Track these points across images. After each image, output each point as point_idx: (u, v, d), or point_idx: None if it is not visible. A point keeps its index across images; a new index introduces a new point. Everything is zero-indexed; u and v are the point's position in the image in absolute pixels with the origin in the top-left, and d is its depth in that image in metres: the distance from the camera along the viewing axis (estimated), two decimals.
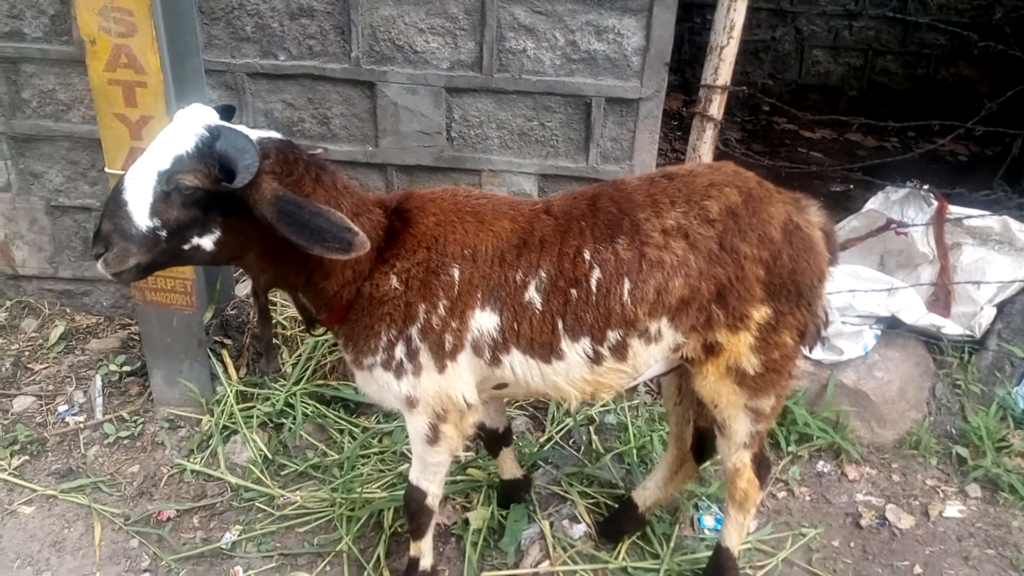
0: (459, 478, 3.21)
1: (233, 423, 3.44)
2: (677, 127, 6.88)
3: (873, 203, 4.11)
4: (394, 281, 2.22)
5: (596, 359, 2.24)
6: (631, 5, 3.43)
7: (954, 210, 3.91)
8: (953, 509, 3.26)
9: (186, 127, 1.97)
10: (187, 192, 1.96)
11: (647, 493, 2.93)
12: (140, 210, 1.97)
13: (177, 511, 3.15)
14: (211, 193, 1.97)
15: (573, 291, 2.19)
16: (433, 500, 2.56)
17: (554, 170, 3.81)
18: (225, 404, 3.49)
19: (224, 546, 2.98)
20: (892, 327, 3.69)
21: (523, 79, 3.63)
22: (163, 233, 1.99)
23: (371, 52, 3.65)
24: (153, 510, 3.15)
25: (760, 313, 2.20)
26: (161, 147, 1.97)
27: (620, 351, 2.23)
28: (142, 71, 3.04)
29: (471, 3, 3.51)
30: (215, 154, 1.94)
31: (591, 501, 3.17)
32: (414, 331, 2.24)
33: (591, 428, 3.53)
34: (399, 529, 2.98)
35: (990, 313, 3.76)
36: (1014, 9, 7.04)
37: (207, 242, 2.05)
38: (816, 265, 2.23)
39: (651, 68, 3.53)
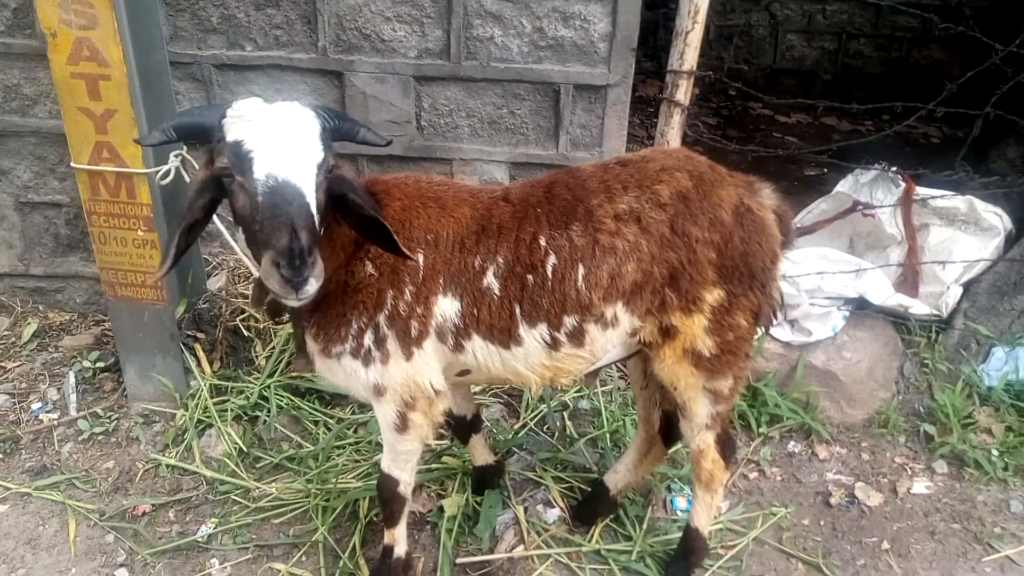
0: (433, 466, 3.23)
1: (207, 417, 3.44)
2: (654, 114, 6.89)
3: (842, 186, 4.15)
4: (369, 267, 2.23)
5: (554, 345, 2.27)
6: None
7: (921, 191, 3.95)
8: (920, 485, 3.32)
9: (288, 112, 1.94)
10: (330, 175, 1.97)
11: (618, 476, 2.97)
12: (314, 209, 1.90)
13: (152, 505, 3.15)
14: None
15: (529, 277, 2.21)
16: (405, 488, 2.58)
17: (525, 158, 3.82)
18: (199, 398, 3.49)
19: (200, 539, 2.99)
20: (860, 308, 3.74)
21: (491, 67, 3.63)
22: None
23: (338, 41, 3.64)
24: (128, 505, 3.15)
25: (713, 295, 2.23)
26: (294, 141, 1.90)
27: (577, 336, 2.26)
28: (105, 64, 3.02)
29: None
30: (340, 131, 2.01)
31: (565, 486, 3.20)
32: (382, 318, 2.25)
33: (565, 414, 3.56)
34: (375, 518, 3.00)
35: (956, 292, 3.81)
36: None
37: None
38: (768, 247, 2.26)
39: (618, 54, 3.54)
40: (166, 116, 3.32)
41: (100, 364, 3.81)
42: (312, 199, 1.88)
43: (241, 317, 3.70)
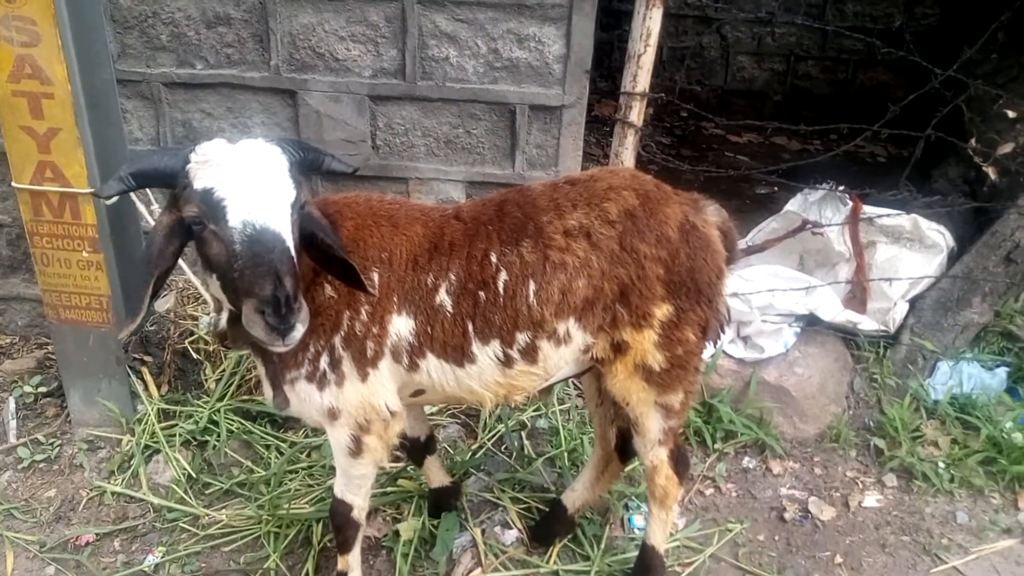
0: (389, 489, 3.19)
1: (155, 442, 3.35)
2: (609, 133, 6.95)
3: (792, 204, 4.24)
4: (328, 290, 2.21)
5: (507, 362, 2.27)
6: (551, 14, 3.47)
7: (868, 210, 4.06)
8: (871, 499, 3.38)
9: (255, 152, 1.88)
10: (302, 211, 1.94)
11: (576, 495, 2.96)
12: (294, 252, 1.86)
13: (97, 535, 3.05)
14: None
15: (481, 293, 2.22)
16: (359, 513, 2.54)
17: (481, 177, 3.82)
18: (146, 423, 3.39)
19: (147, 568, 2.90)
20: (811, 324, 3.81)
21: (447, 87, 3.64)
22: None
23: (291, 60, 3.61)
24: (71, 535, 3.04)
25: (662, 311, 2.26)
26: (267, 183, 1.84)
27: (530, 353, 2.26)
28: (48, 82, 2.95)
29: (392, 11, 3.50)
30: (307, 164, 1.99)
31: (523, 506, 3.18)
32: (338, 340, 2.22)
33: (523, 433, 3.54)
34: (328, 544, 2.94)
35: (903, 309, 3.91)
36: (923, 17, 7.37)
37: None
38: (714, 263, 2.30)
39: (572, 76, 3.57)
40: (113, 135, 3.27)
41: (42, 389, 3.69)
42: (291, 242, 1.86)
43: (190, 339, 3.61)
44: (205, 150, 1.86)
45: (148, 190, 3.20)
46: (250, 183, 1.83)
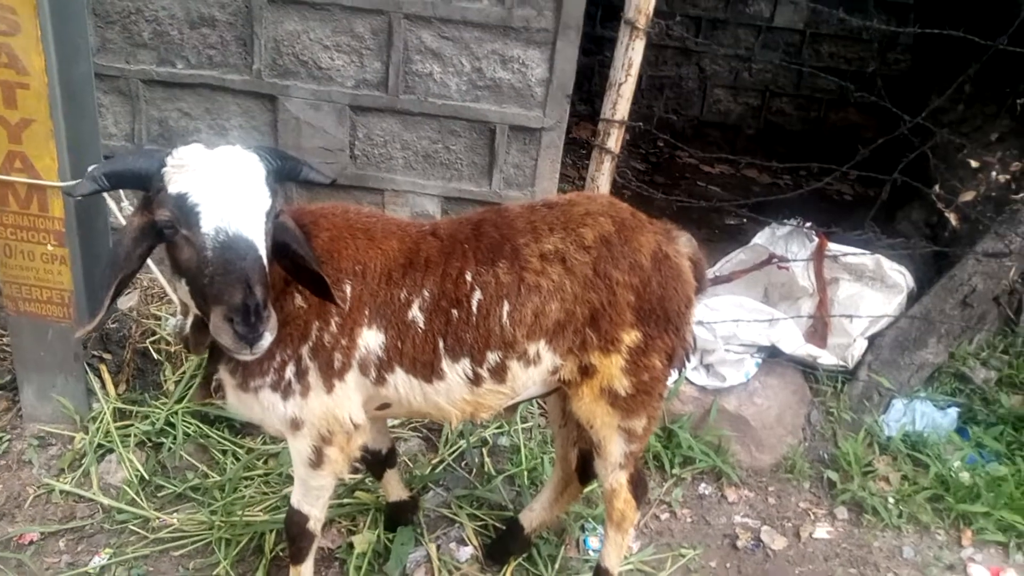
0: (346, 501, 3.16)
1: (109, 441, 3.29)
2: (586, 156, 7.03)
3: (759, 238, 4.33)
4: (298, 299, 2.20)
5: (476, 380, 2.28)
6: (536, 38, 3.53)
7: (833, 247, 4.16)
8: (822, 531, 3.44)
9: (232, 159, 1.88)
10: (276, 220, 1.93)
11: (533, 515, 2.97)
12: (265, 260, 1.85)
13: (41, 534, 2.97)
14: None
15: (454, 311, 2.23)
16: (315, 524, 2.52)
17: (458, 193, 3.85)
18: (101, 421, 3.33)
19: (92, 570, 2.84)
20: (772, 356, 3.89)
21: (429, 102, 3.66)
22: None
23: (274, 65, 3.61)
24: (14, 533, 2.96)
25: (631, 337, 2.29)
26: (241, 191, 1.84)
27: (499, 373, 2.28)
28: (24, 72, 2.90)
29: (378, 24, 3.53)
30: (284, 172, 1.98)
31: (480, 523, 3.18)
32: (305, 350, 2.22)
33: (484, 450, 3.55)
34: (280, 553, 2.91)
35: (862, 345, 4.00)
36: (895, 62, 7.60)
37: None
38: (684, 292, 2.34)
39: (554, 99, 3.63)
40: (87, 129, 3.22)
41: None
42: (263, 250, 1.85)
43: (152, 339, 3.56)
44: (181, 154, 1.85)
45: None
46: (225, 189, 1.83)
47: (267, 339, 1.82)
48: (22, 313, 3.26)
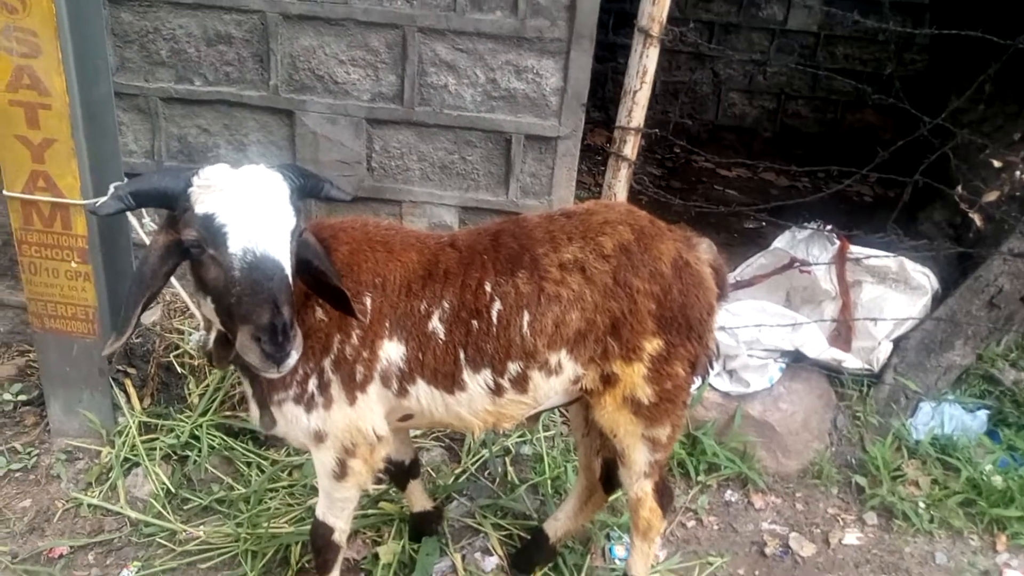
0: (370, 512, 3.16)
1: (135, 455, 3.31)
2: (601, 162, 7.03)
3: (779, 242, 4.29)
4: (319, 312, 2.21)
5: (497, 391, 2.27)
6: (550, 47, 3.53)
7: (855, 250, 4.11)
8: (852, 536, 3.39)
9: (258, 179, 1.90)
10: (300, 238, 1.95)
11: (558, 524, 2.95)
12: (291, 279, 1.88)
13: (71, 548, 3.00)
14: None
15: (474, 322, 2.22)
16: (340, 536, 2.52)
17: (475, 203, 3.85)
18: (127, 435, 3.36)
19: None
20: (796, 360, 3.84)
21: (444, 113, 3.67)
22: None
23: (290, 81, 3.64)
24: (44, 547, 2.99)
25: (652, 345, 2.28)
26: (268, 211, 1.86)
27: (521, 383, 2.27)
28: (46, 93, 2.95)
29: (392, 37, 3.55)
30: (307, 190, 2.00)
31: (504, 533, 3.17)
32: (327, 363, 2.23)
33: (507, 459, 3.54)
34: (307, 565, 2.91)
35: (887, 348, 3.95)
36: (911, 63, 7.53)
37: None
38: (705, 299, 2.32)
39: (569, 108, 3.62)
40: (108, 147, 3.27)
41: (22, 397, 3.64)
42: (289, 269, 1.87)
43: (175, 353, 3.59)
44: (208, 174, 1.87)
45: None
46: (252, 210, 1.84)
47: (294, 357, 1.85)
48: (48, 330, 3.30)
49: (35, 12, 2.83)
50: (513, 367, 2.25)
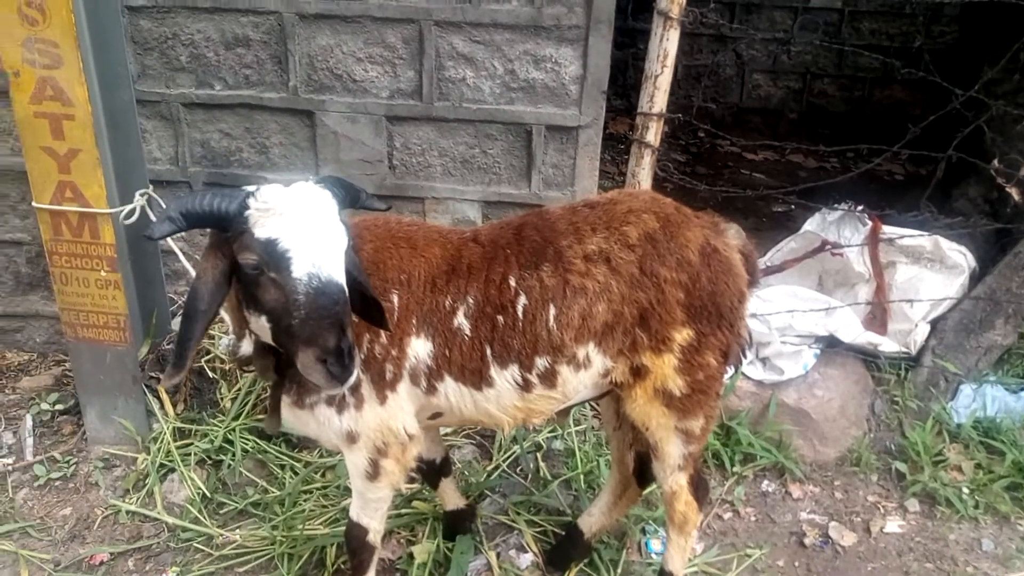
0: (404, 511, 3.16)
1: (170, 461, 3.35)
2: (624, 151, 6.96)
3: (810, 224, 4.20)
4: None
5: (525, 386, 2.25)
6: (567, 35, 3.48)
7: (887, 230, 4.01)
8: (893, 524, 3.32)
9: (313, 199, 1.89)
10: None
11: (592, 519, 2.92)
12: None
13: (111, 554, 3.04)
14: None
15: (500, 317, 2.20)
16: (375, 536, 2.52)
17: (497, 196, 3.82)
18: (162, 441, 3.39)
19: None
20: (831, 346, 3.76)
21: (464, 107, 3.64)
22: None
23: (309, 81, 3.63)
24: (85, 554, 3.03)
25: (682, 335, 2.23)
26: (328, 234, 1.86)
27: (549, 378, 2.24)
28: (69, 104, 2.97)
29: (409, 33, 3.52)
30: (346, 201, 1.99)
31: (538, 529, 3.15)
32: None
33: (538, 455, 3.51)
34: (342, 566, 2.91)
35: (924, 330, 3.85)
36: (940, 35, 7.34)
37: None
38: (735, 286, 2.27)
39: (589, 96, 3.57)
40: (132, 155, 3.30)
41: (59, 406, 3.70)
42: (346, 288, 1.88)
43: (206, 358, 3.61)
44: (265, 197, 1.85)
45: (149, 208, 3.23)
46: (313, 234, 1.84)
47: (355, 374, 1.87)
48: (80, 339, 3.34)
49: (55, 23, 2.85)
50: (540, 362, 2.22)
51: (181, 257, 3.43)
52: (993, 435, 3.56)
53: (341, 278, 1.87)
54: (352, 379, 1.86)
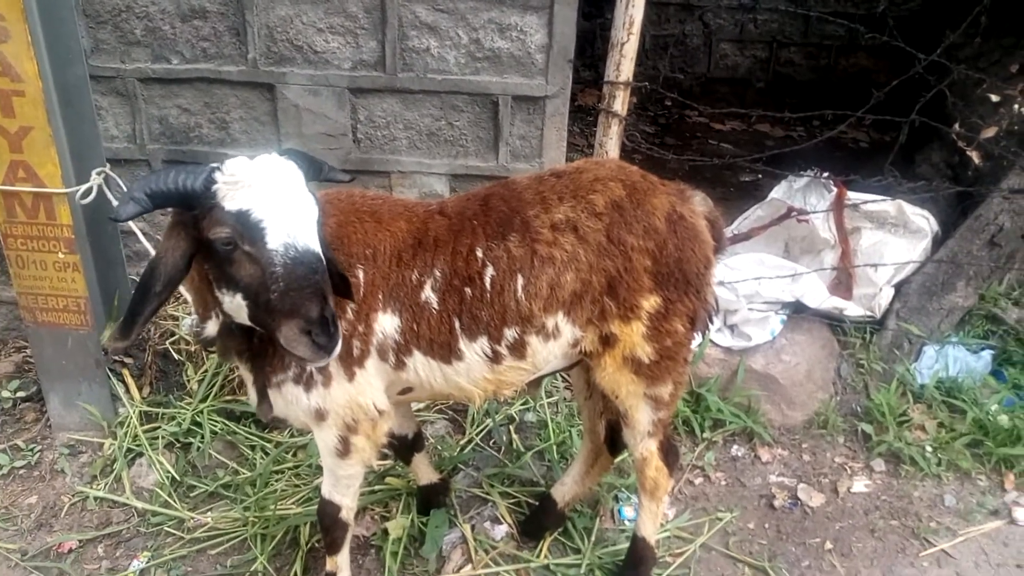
0: (377, 487, 3.16)
1: (138, 445, 3.30)
2: (593, 123, 6.91)
3: (776, 192, 4.23)
4: None
5: (495, 358, 2.24)
6: (532, 3, 3.42)
7: (852, 196, 4.05)
8: (860, 484, 3.39)
9: (281, 170, 1.86)
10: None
11: (565, 489, 2.94)
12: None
13: (80, 541, 3.00)
14: None
15: (467, 289, 2.19)
16: (347, 513, 2.51)
17: (464, 170, 3.78)
18: (128, 426, 3.34)
19: (132, 574, 2.86)
20: (797, 311, 3.81)
21: (428, 78, 3.58)
22: None
23: (269, 53, 3.54)
24: (53, 542, 2.99)
25: (650, 302, 2.24)
26: (299, 203, 1.84)
27: (518, 349, 2.24)
28: (19, 79, 2.87)
29: (371, 1, 3.44)
30: (309, 173, 1.95)
31: (512, 501, 3.16)
32: None
33: (511, 427, 3.52)
34: (316, 544, 2.91)
35: (888, 294, 3.92)
36: (904, 2, 7.38)
37: None
38: (702, 253, 2.28)
39: (555, 65, 3.53)
40: (88, 133, 3.20)
41: (21, 393, 3.62)
42: (323, 258, 1.86)
43: (171, 340, 3.56)
44: (232, 169, 1.81)
45: (107, 188, 3.14)
46: (286, 203, 1.82)
47: (339, 345, 1.85)
48: (40, 323, 3.26)
49: None
50: (510, 333, 2.21)
51: (141, 237, 3.35)
52: (955, 394, 3.64)
53: (317, 247, 1.85)
54: (338, 349, 1.85)
